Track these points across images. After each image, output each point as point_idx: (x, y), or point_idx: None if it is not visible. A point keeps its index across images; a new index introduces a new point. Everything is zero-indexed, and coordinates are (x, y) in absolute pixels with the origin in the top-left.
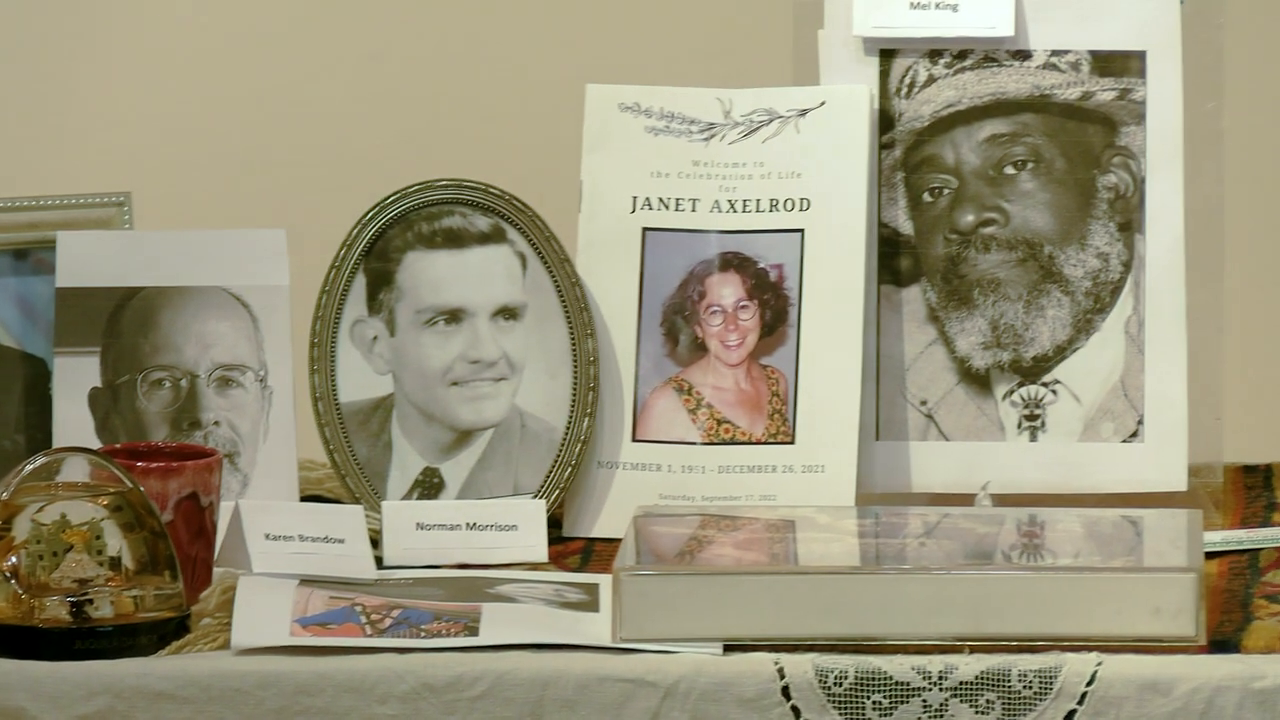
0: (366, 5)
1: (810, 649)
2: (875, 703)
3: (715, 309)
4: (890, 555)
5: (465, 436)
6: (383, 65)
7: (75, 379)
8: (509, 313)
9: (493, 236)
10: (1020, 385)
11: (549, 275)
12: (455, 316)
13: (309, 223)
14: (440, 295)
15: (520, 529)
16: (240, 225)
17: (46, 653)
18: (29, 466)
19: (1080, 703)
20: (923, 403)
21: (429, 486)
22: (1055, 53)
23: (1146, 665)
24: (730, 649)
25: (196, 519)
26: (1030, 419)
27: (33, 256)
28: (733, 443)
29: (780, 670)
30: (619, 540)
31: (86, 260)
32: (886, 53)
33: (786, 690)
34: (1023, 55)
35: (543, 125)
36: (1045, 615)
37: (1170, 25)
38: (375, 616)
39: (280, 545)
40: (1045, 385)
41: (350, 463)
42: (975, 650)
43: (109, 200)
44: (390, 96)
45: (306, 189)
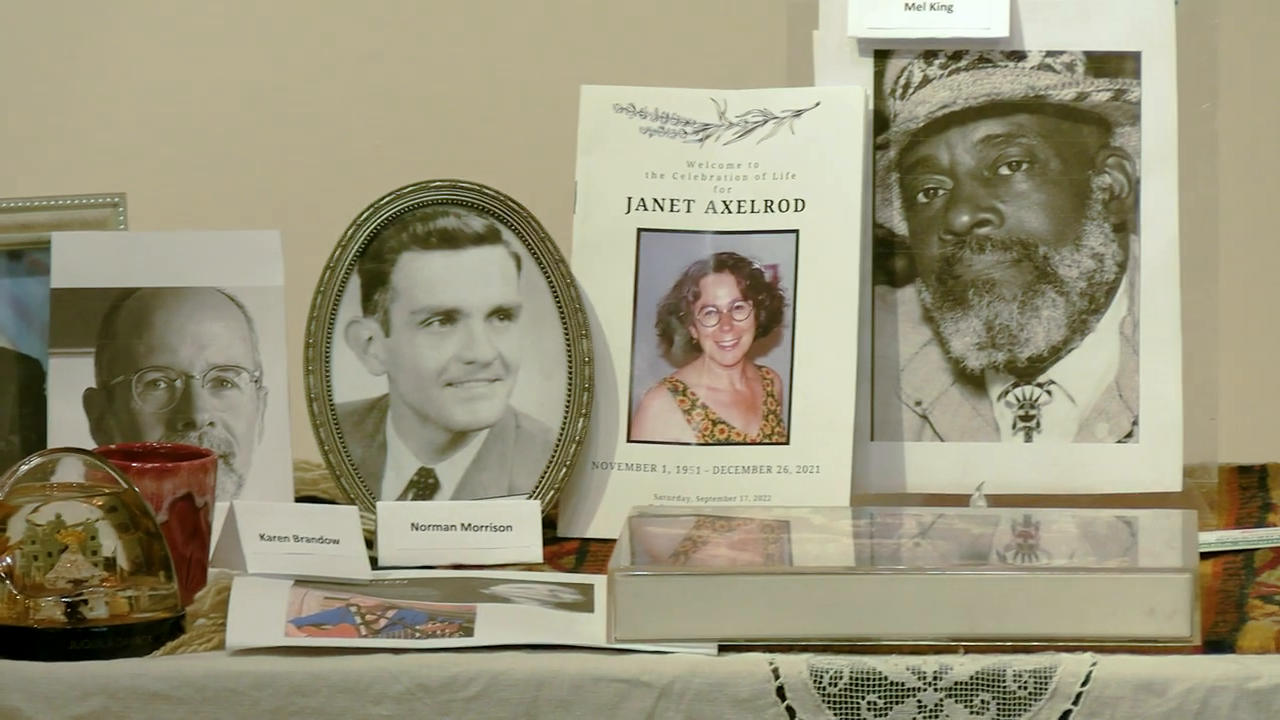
0: (361, 6)
1: (805, 649)
2: (870, 703)
3: (710, 309)
4: (885, 556)
5: (460, 437)
6: (378, 66)
7: (70, 380)
8: (504, 313)
9: (487, 237)
10: (1015, 386)
11: (544, 276)
12: (450, 317)
13: (304, 223)
14: (435, 296)
15: (515, 529)
16: (235, 226)
17: (41, 653)
18: (24, 467)
19: (1075, 703)
20: (917, 403)
21: (424, 487)
22: (1050, 53)
23: (1141, 665)
24: (725, 649)
25: (191, 520)
26: (1025, 419)
27: (27, 257)
28: (728, 443)
29: (775, 670)
30: (614, 541)
31: (81, 261)
32: (881, 53)
33: (781, 690)
34: (1017, 56)
35: (538, 126)
36: (1040, 616)
37: (1165, 26)
38: (370, 617)
39: (275, 546)
40: (1040, 386)
41: (345, 463)
42: (970, 650)
43: (104, 201)
44: (385, 97)
45: (301, 190)
